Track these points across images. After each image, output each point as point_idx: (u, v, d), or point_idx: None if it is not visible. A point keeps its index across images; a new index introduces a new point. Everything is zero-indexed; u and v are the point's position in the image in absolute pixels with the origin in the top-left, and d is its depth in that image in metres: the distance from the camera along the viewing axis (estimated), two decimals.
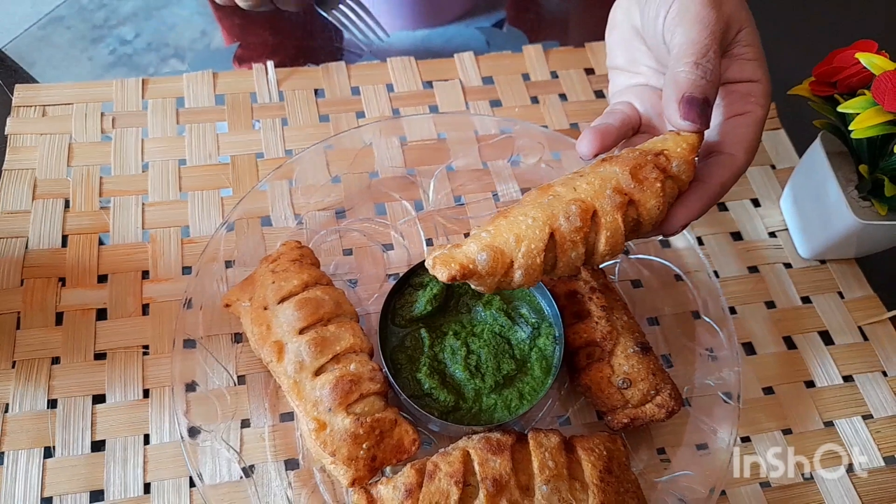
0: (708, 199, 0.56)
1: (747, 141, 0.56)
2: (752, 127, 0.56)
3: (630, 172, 0.51)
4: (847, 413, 0.69)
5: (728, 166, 0.56)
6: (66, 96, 0.80)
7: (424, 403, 0.60)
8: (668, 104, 0.54)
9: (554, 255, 0.51)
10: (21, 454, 0.60)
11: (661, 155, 0.52)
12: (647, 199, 0.51)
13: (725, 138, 0.57)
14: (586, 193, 0.51)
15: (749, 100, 0.57)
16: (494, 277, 0.50)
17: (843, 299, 0.76)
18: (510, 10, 1.03)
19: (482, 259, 0.49)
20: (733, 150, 0.56)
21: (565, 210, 0.50)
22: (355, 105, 0.84)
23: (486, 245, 0.49)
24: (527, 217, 0.50)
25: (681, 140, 0.53)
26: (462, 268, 0.48)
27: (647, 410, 0.61)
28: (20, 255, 0.69)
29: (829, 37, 0.72)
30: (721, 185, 0.56)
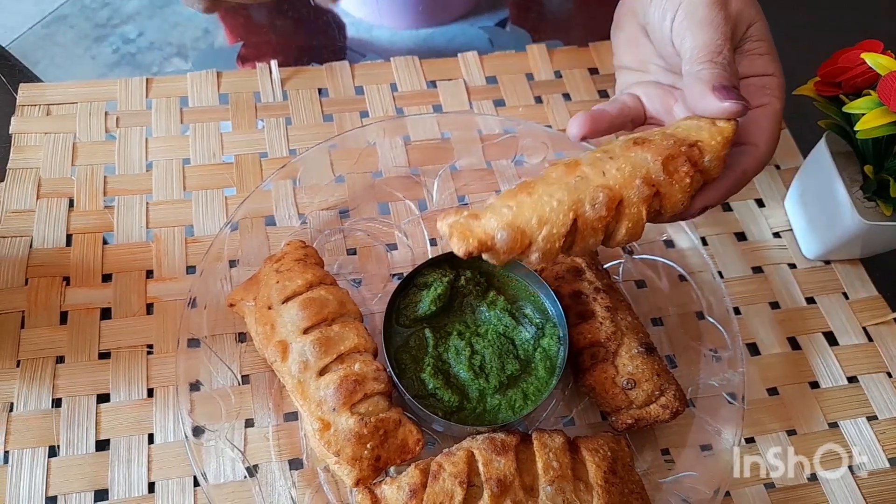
0: (729, 187, 0.56)
1: (768, 131, 0.56)
2: (772, 118, 0.56)
3: (662, 163, 0.50)
4: (852, 414, 0.69)
5: (751, 155, 0.56)
6: (71, 95, 0.80)
7: (428, 404, 0.60)
8: (700, 98, 0.52)
9: (573, 240, 0.50)
10: (25, 453, 0.60)
11: (696, 147, 0.51)
12: (675, 192, 0.51)
13: (746, 130, 0.56)
14: (615, 180, 0.50)
15: (765, 92, 0.57)
16: (511, 255, 0.49)
17: (848, 300, 0.76)
18: (513, 9, 1.03)
19: (501, 237, 0.48)
20: (755, 141, 0.56)
21: (592, 196, 0.49)
22: (359, 104, 0.84)
23: (508, 223, 0.48)
24: (552, 198, 0.49)
25: (716, 132, 0.52)
26: (480, 244, 0.48)
27: (652, 411, 0.61)
28: (24, 255, 0.69)
29: (835, 37, 0.72)
30: (743, 172, 0.56)
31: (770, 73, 0.57)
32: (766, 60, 0.57)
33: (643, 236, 0.73)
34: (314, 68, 0.86)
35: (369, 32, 0.95)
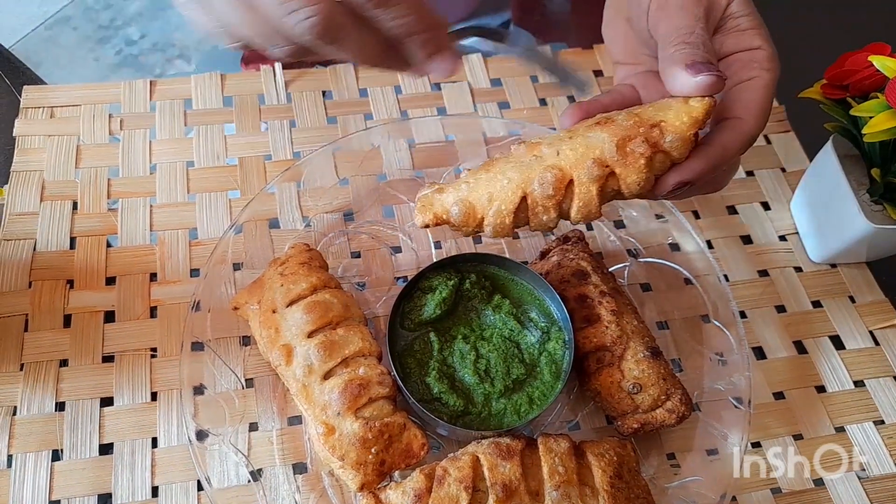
0: (706, 161, 0.53)
1: (754, 104, 0.54)
2: (760, 91, 0.54)
3: (617, 144, 0.50)
4: (859, 419, 0.69)
5: (733, 129, 0.54)
6: (74, 98, 0.79)
7: (433, 408, 0.59)
8: (674, 79, 0.51)
9: (526, 216, 0.52)
10: (29, 457, 0.60)
11: (657, 127, 0.51)
12: (629, 174, 0.50)
13: (730, 104, 0.54)
14: (567, 161, 0.51)
15: (752, 66, 0.55)
16: (467, 228, 0.52)
17: (855, 304, 0.75)
18: (515, 11, 1.03)
19: (455, 212, 0.52)
20: (739, 114, 0.54)
21: (541, 176, 0.51)
22: (363, 107, 0.83)
23: (461, 199, 0.52)
24: (504, 176, 0.52)
25: (683, 111, 0.51)
26: (436, 217, 0.52)
27: (658, 415, 0.60)
28: (28, 257, 0.69)
29: (842, 39, 0.72)
30: (722, 147, 0.53)
31: (756, 46, 0.55)
32: (751, 35, 0.55)
33: (649, 240, 0.75)
34: (318, 70, 0.86)
35: None
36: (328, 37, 0.43)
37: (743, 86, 0.54)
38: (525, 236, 0.76)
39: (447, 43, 0.50)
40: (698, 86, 0.50)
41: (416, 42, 0.48)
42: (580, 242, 0.69)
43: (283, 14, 0.42)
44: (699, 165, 0.53)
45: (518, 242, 0.75)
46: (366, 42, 0.46)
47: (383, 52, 0.48)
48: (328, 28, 0.43)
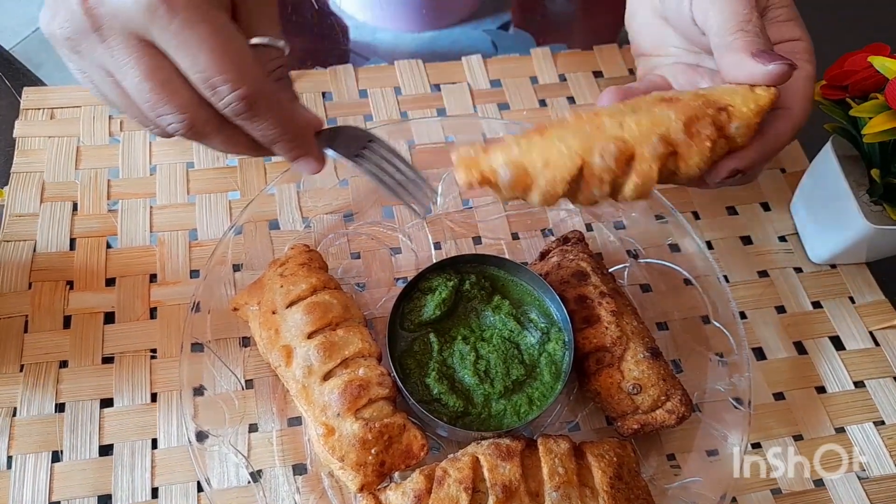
0: (762, 150, 0.53)
1: (800, 95, 0.54)
2: (804, 81, 0.55)
3: (684, 123, 0.48)
4: (859, 419, 0.68)
5: (784, 119, 0.54)
6: (75, 99, 0.79)
7: (433, 409, 0.59)
8: (739, 67, 0.50)
9: (577, 188, 0.49)
10: (29, 458, 0.60)
11: (724, 111, 0.49)
12: (693, 155, 0.49)
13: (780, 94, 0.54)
14: (631, 134, 0.48)
15: (795, 57, 0.55)
16: (513, 192, 0.49)
17: (854, 304, 0.75)
18: (516, 12, 1.03)
19: (505, 174, 0.48)
20: (788, 105, 0.54)
21: (603, 147, 0.48)
22: (363, 108, 0.83)
23: (513, 161, 0.48)
24: (562, 143, 0.48)
25: (751, 98, 0.49)
26: (483, 178, 0.48)
27: (658, 416, 0.60)
28: (28, 259, 0.69)
29: (841, 40, 0.72)
30: (776, 136, 0.54)
31: (797, 37, 0.55)
32: (792, 26, 0.56)
33: (648, 240, 0.75)
34: (318, 72, 0.86)
35: (373, 35, 0.94)
36: (195, 136, 0.46)
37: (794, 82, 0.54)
38: (525, 237, 0.76)
39: (312, 147, 0.52)
40: (770, 75, 0.50)
41: (282, 148, 0.50)
42: (580, 243, 0.69)
43: (153, 115, 0.44)
44: (755, 154, 0.53)
45: (518, 243, 0.75)
46: (234, 140, 0.48)
47: (251, 148, 0.50)
48: (195, 131, 0.46)
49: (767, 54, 0.50)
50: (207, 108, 0.45)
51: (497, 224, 0.76)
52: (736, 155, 0.52)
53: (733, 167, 0.53)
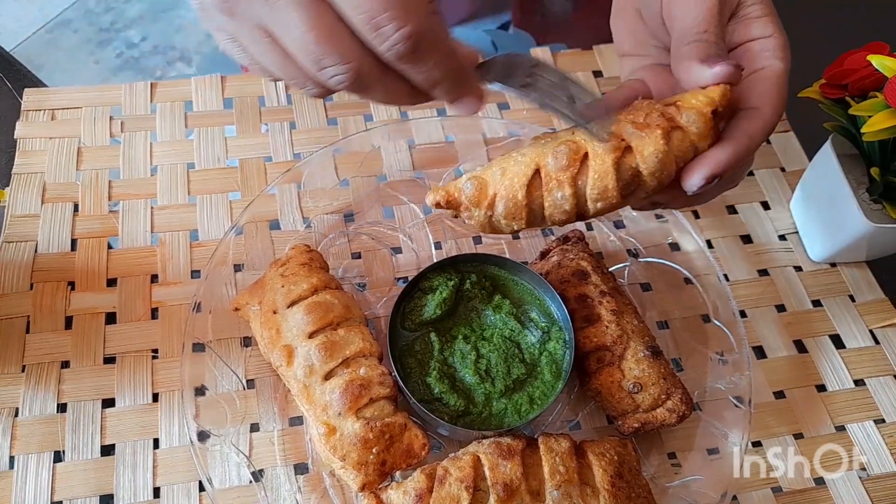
0: (733, 151, 0.52)
1: (770, 94, 0.53)
2: (773, 80, 0.54)
3: (632, 119, 0.50)
4: (859, 417, 0.69)
5: (753, 118, 0.53)
6: (75, 100, 0.80)
7: (434, 408, 0.59)
8: (690, 73, 0.51)
9: (540, 195, 0.50)
10: (31, 458, 0.60)
11: (673, 105, 0.50)
12: (645, 145, 0.49)
13: (747, 94, 0.54)
14: (582, 137, 0.50)
15: (764, 55, 0.54)
16: (479, 209, 0.51)
17: (854, 303, 0.75)
18: (516, 12, 1.03)
19: (467, 188, 0.51)
20: (757, 104, 0.53)
21: (555, 150, 0.50)
22: (363, 108, 0.83)
23: (474, 175, 0.51)
24: (519, 154, 0.51)
25: (699, 93, 0.50)
26: (448, 195, 0.51)
27: (658, 415, 0.60)
28: (30, 259, 0.69)
29: (841, 38, 0.72)
30: (748, 136, 0.52)
31: (769, 34, 0.54)
32: (763, 22, 0.55)
33: (648, 239, 0.75)
34: None
35: None
36: (359, 89, 0.45)
37: (757, 75, 0.54)
38: (525, 237, 0.76)
39: (473, 85, 0.50)
40: (714, 75, 0.50)
41: (443, 89, 0.48)
42: (580, 242, 0.69)
43: (316, 69, 0.43)
44: (725, 156, 0.52)
45: (518, 243, 0.75)
46: (395, 89, 0.47)
47: (410, 96, 0.48)
48: (359, 82, 0.44)
49: (713, 58, 0.50)
50: (372, 56, 0.43)
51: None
52: (705, 157, 0.52)
53: (707, 172, 0.52)
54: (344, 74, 0.43)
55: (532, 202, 0.50)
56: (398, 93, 0.47)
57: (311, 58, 0.42)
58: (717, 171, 0.51)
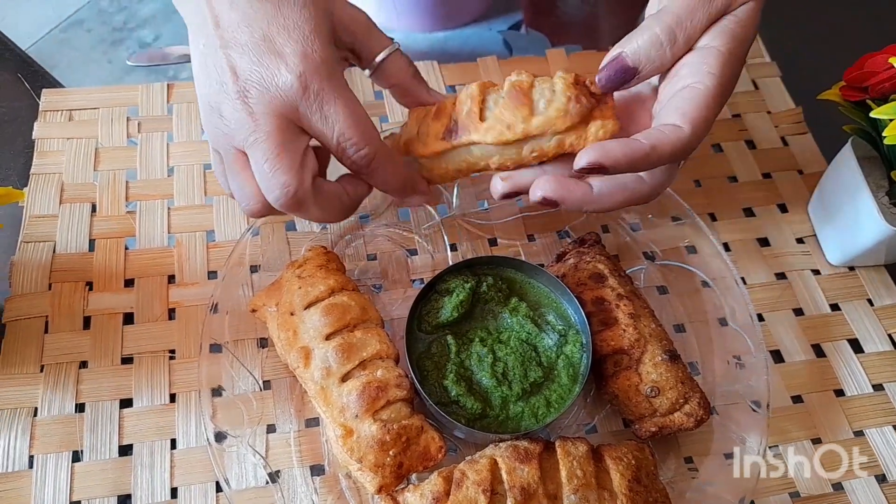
0: (627, 152, 0.51)
1: (690, 114, 0.52)
2: (697, 100, 0.52)
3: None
4: (878, 422, 0.68)
5: (667, 134, 0.52)
6: (93, 101, 0.80)
7: (451, 410, 0.59)
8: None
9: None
10: (50, 458, 0.61)
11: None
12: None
13: (671, 111, 0.53)
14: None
15: (701, 69, 0.53)
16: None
17: (873, 306, 0.75)
18: (528, 12, 1.03)
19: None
20: (676, 121, 0.53)
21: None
22: (379, 109, 0.83)
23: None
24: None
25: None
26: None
27: (676, 419, 0.60)
28: (48, 260, 0.70)
29: (861, 41, 0.71)
30: (651, 146, 0.52)
31: (713, 45, 0.53)
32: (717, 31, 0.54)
33: (665, 242, 0.74)
34: None
35: None
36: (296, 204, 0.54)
37: (683, 93, 0.53)
38: (540, 238, 0.75)
39: (418, 189, 0.63)
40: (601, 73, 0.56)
41: (393, 193, 0.62)
42: (596, 245, 0.69)
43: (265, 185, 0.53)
44: (618, 152, 0.52)
45: (534, 245, 0.75)
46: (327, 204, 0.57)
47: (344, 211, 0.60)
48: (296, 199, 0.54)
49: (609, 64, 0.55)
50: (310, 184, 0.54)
51: (512, 225, 0.76)
52: (596, 146, 0.52)
53: (591, 156, 0.52)
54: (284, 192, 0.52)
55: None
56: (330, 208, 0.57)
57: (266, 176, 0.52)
58: (602, 161, 0.51)
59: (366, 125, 0.54)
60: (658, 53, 0.54)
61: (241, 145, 0.52)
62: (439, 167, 0.60)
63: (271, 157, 0.51)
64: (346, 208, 0.60)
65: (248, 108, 0.51)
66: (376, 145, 0.55)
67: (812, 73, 0.58)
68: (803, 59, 0.57)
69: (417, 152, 0.60)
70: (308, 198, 0.54)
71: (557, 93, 0.55)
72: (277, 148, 0.51)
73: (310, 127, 0.53)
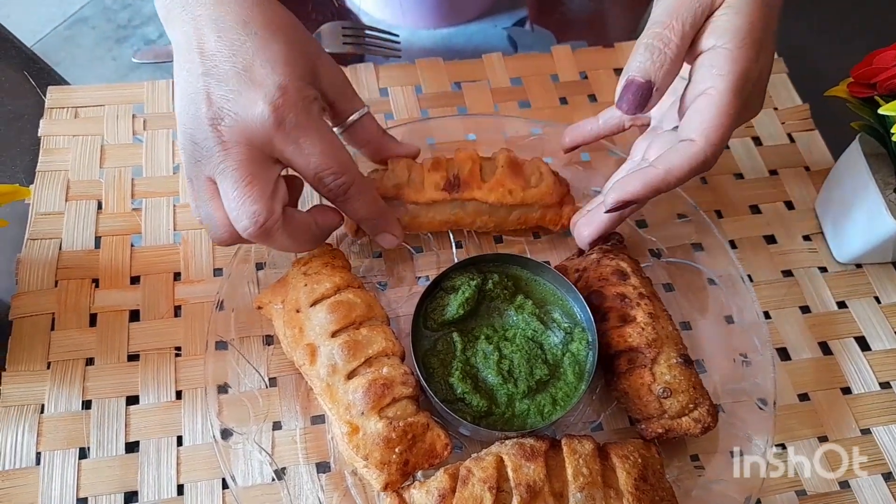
0: (646, 183, 0.55)
1: (702, 125, 0.52)
2: (708, 109, 0.52)
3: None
4: (885, 420, 0.68)
5: (680, 151, 0.53)
6: (98, 98, 0.80)
7: (457, 408, 0.59)
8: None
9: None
10: (57, 455, 0.61)
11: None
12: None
13: (685, 124, 0.53)
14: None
15: (710, 72, 0.52)
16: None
17: (880, 304, 0.74)
18: (532, 8, 1.02)
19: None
20: (690, 135, 0.53)
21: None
22: (384, 106, 0.83)
23: None
24: None
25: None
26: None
27: (683, 423, 0.60)
28: (54, 257, 0.70)
29: (869, 37, 0.71)
30: (667, 170, 0.53)
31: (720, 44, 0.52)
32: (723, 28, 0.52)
33: (671, 239, 0.74)
34: None
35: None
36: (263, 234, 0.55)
37: (697, 102, 0.53)
38: (546, 236, 0.75)
39: (392, 225, 0.65)
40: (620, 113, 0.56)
41: (367, 225, 0.64)
42: (620, 244, 0.69)
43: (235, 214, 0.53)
44: (637, 185, 0.55)
45: (538, 242, 0.75)
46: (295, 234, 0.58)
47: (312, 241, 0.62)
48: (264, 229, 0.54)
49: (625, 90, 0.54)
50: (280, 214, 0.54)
51: None
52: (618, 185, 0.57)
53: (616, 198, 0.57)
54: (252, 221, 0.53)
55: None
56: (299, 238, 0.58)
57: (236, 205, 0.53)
58: (624, 198, 0.57)
59: (343, 155, 0.56)
60: (660, 58, 0.53)
61: (212, 173, 0.52)
62: (426, 216, 0.67)
63: (241, 185, 0.51)
64: (315, 239, 0.61)
65: (220, 135, 0.51)
66: (353, 174, 0.57)
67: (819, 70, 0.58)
68: (810, 56, 0.57)
69: (409, 198, 0.66)
70: (277, 228, 0.54)
71: (545, 174, 0.68)
72: (248, 177, 0.51)
73: (284, 158, 0.53)
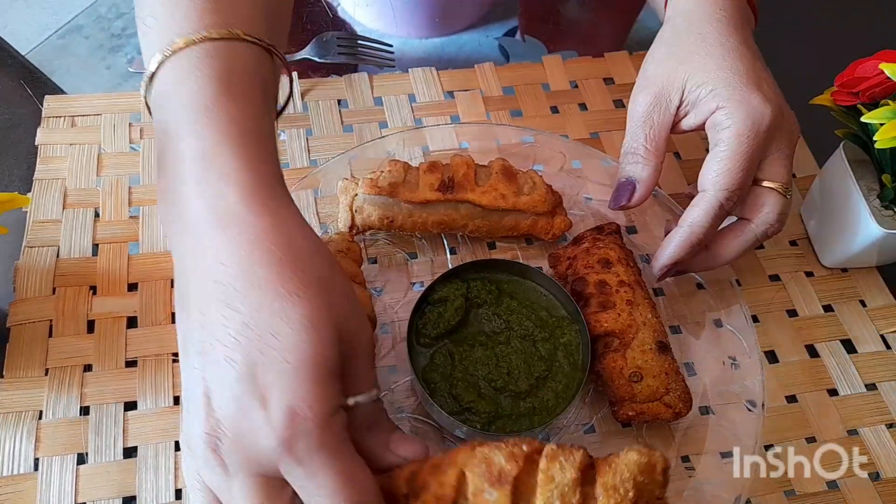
0: (679, 238, 0.62)
1: (711, 174, 0.59)
2: (714, 159, 0.59)
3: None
4: (871, 421, 0.69)
5: (695, 205, 0.61)
6: (95, 107, 0.81)
7: (465, 418, 0.60)
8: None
9: None
10: (55, 460, 0.61)
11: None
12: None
13: (701, 179, 0.61)
14: None
15: (714, 133, 0.60)
16: None
17: (866, 308, 0.76)
18: (524, 18, 1.04)
19: None
20: (703, 187, 0.60)
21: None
22: (378, 115, 0.85)
23: None
24: None
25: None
26: None
27: (654, 408, 0.61)
28: (52, 264, 0.71)
29: (852, 46, 0.72)
30: (689, 225, 0.61)
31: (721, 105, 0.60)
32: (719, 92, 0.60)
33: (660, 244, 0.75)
34: (333, 80, 0.87)
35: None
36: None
37: (708, 157, 0.60)
38: (539, 242, 0.76)
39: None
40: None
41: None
42: (613, 234, 0.70)
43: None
44: (672, 246, 0.63)
45: (532, 248, 0.76)
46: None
47: None
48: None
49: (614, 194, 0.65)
50: None
51: None
52: (659, 254, 0.64)
53: (662, 263, 0.64)
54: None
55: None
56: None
57: None
58: (667, 263, 0.64)
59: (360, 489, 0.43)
60: (634, 157, 0.63)
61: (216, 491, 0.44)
62: (420, 215, 0.68)
63: None
64: None
65: (220, 459, 0.41)
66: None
67: (804, 79, 0.60)
68: (795, 65, 0.59)
69: (404, 196, 0.67)
70: None
71: (538, 184, 0.70)
72: None
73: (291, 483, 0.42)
